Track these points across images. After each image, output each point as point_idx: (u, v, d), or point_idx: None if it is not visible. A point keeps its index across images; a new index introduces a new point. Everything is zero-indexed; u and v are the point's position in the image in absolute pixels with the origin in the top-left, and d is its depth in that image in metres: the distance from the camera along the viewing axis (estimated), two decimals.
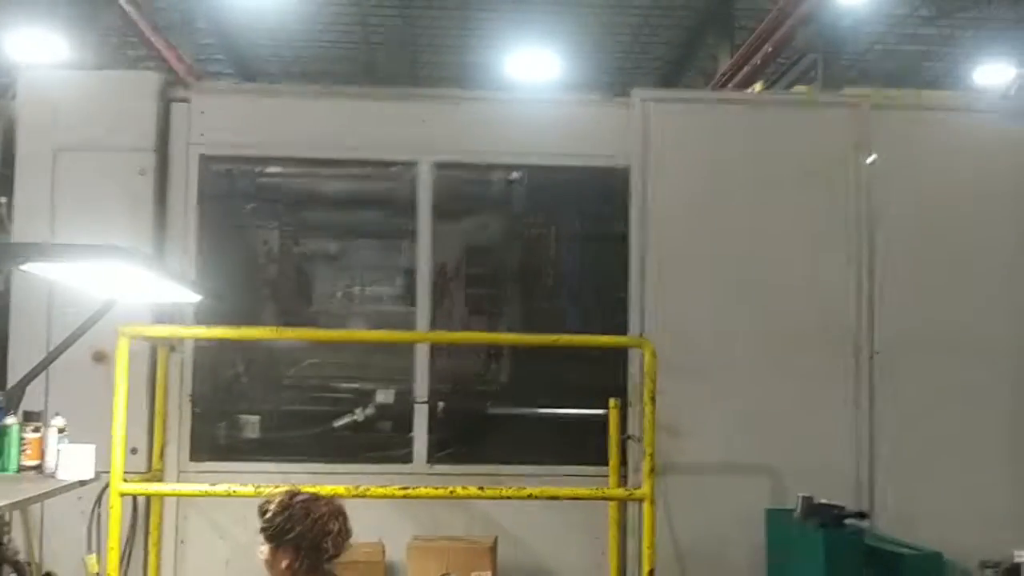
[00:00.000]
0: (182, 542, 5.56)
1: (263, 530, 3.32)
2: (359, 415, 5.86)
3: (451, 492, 4.77)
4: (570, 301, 5.97)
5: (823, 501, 5.01)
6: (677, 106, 5.86)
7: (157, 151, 5.58)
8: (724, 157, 5.72)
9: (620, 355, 5.66)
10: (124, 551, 4.99)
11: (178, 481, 5.51)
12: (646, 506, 4.70)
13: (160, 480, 5.42)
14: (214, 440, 5.73)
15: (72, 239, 5.48)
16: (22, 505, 3.57)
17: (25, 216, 5.55)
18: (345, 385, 6.10)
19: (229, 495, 4.69)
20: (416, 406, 5.67)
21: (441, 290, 5.94)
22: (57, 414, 4.45)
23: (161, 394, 5.48)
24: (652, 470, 4.72)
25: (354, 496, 4.51)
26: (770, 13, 12.37)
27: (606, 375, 5.75)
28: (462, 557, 5.05)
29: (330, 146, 5.74)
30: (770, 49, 12.61)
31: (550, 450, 5.75)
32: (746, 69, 13.67)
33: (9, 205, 6.17)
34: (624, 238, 5.67)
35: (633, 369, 5.55)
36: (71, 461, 4.26)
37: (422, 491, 4.80)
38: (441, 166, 5.76)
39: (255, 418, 5.80)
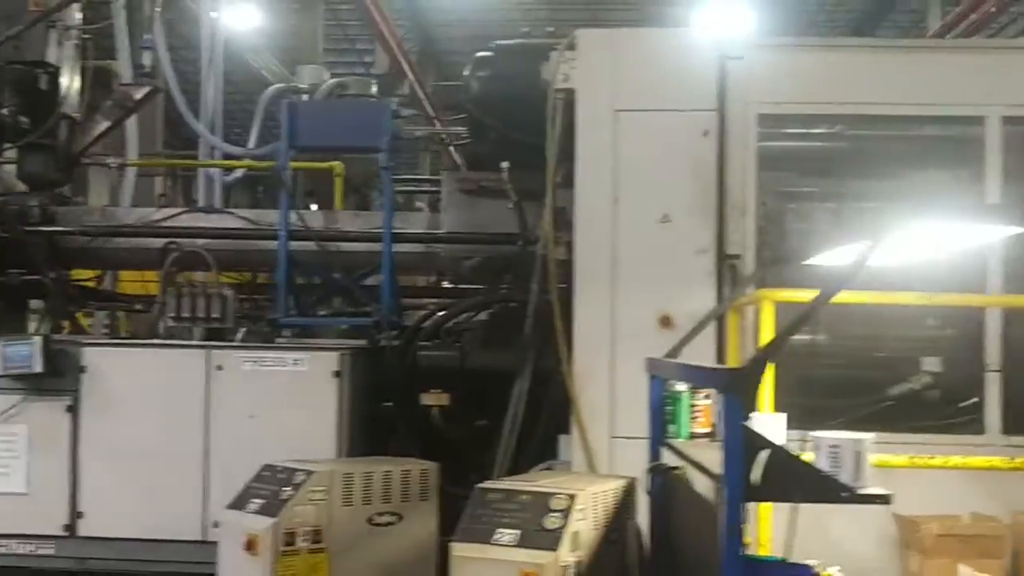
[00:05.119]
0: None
1: None
2: (915, 383, 5.64)
3: None
4: None
5: None
6: None
7: (718, 111, 5.46)
8: None
9: None
10: None
11: None
12: None
13: None
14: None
15: (634, 203, 5.49)
16: None
17: (587, 179, 5.51)
18: (883, 354, 5.92)
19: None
20: (988, 374, 5.39)
21: None
22: None
23: (732, 359, 5.38)
24: None
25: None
26: None
27: None
28: None
29: (892, 102, 5.48)
30: None
31: None
32: (972, 16, 13.32)
33: (511, 170, 6.25)
34: None
35: None
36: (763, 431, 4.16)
37: None
38: (1011, 120, 5.44)
39: (812, 383, 5.63)
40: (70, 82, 7.09)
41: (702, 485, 4.37)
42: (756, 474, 2.83)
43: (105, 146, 8.28)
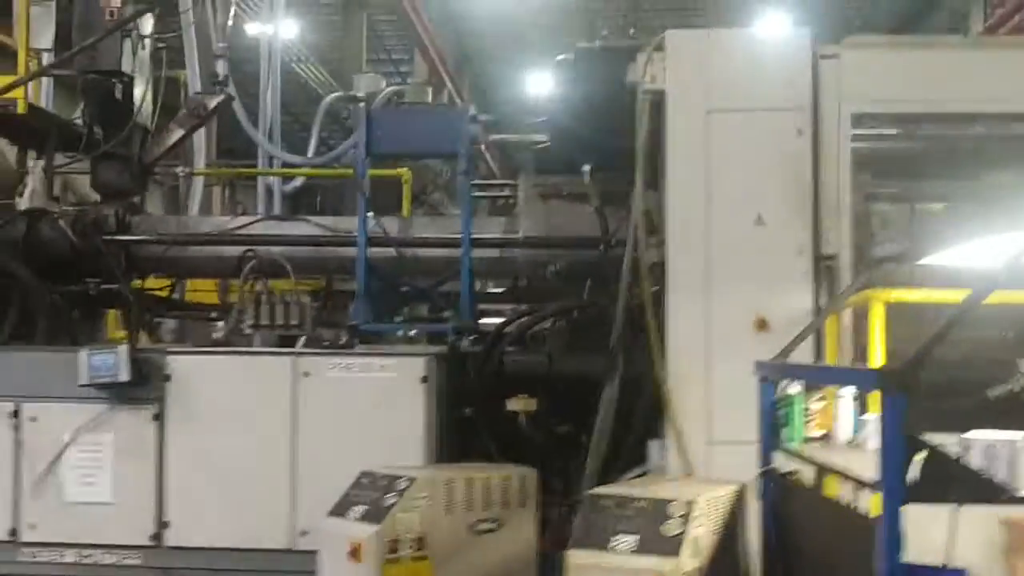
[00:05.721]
0: None
1: None
2: (1015, 384, 5.51)
3: None
4: None
5: None
6: None
7: (812, 110, 5.38)
8: None
9: None
10: None
11: None
12: None
13: None
14: None
15: (728, 204, 5.40)
16: None
17: (680, 180, 5.43)
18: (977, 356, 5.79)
19: None
20: None
21: None
22: None
23: (831, 361, 5.27)
24: None
25: None
26: None
27: None
28: None
29: (990, 99, 5.38)
30: None
31: None
32: (1016, 18, 13.11)
33: (592, 173, 6.20)
34: None
35: None
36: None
37: None
38: None
39: None
40: (144, 92, 7.10)
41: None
42: (913, 475, 2.74)
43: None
